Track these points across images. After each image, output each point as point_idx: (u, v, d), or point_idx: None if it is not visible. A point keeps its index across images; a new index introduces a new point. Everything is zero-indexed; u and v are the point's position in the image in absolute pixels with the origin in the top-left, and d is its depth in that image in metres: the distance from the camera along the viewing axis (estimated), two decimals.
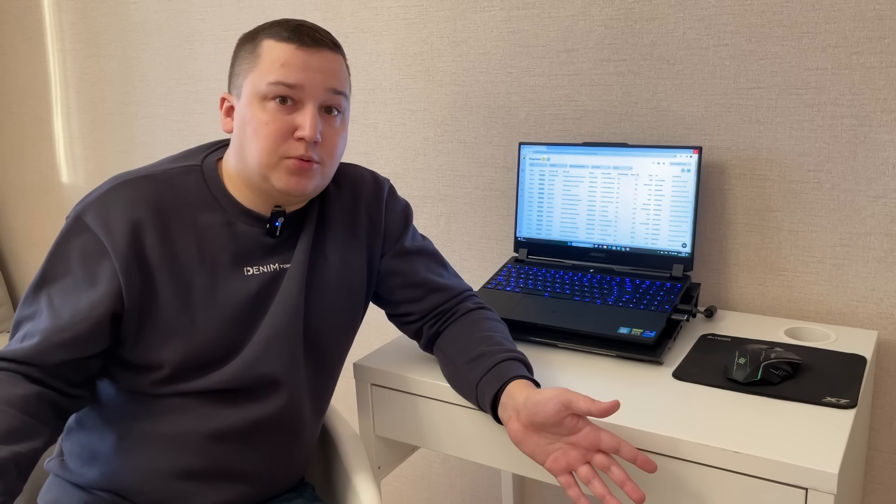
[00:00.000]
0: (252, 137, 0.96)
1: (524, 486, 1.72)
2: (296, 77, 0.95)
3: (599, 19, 1.43)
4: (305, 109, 0.95)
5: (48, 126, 2.39)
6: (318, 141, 0.96)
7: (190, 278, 0.97)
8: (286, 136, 0.95)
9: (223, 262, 0.99)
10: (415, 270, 1.13)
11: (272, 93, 0.95)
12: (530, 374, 1.02)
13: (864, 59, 1.23)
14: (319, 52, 0.96)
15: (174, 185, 0.98)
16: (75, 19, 2.21)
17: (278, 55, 0.95)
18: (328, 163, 0.99)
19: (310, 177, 0.97)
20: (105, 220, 0.93)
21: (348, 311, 1.10)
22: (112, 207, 0.94)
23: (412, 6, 1.63)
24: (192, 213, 0.98)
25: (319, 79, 0.96)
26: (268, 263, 1.02)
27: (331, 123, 0.99)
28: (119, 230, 0.93)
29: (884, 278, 1.27)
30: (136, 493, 1.00)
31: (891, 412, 1.30)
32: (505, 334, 1.10)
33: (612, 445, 0.89)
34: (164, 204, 0.96)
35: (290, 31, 0.96)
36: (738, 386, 1.05)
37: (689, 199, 1.31)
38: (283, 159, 0.96)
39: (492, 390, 0.99)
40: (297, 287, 1.02)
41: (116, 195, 0.95)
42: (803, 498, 0.86)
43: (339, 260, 1.08)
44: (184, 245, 0.97)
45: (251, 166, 0.97)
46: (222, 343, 0.98)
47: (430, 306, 1.13)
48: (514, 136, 1.57)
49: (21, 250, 2.60)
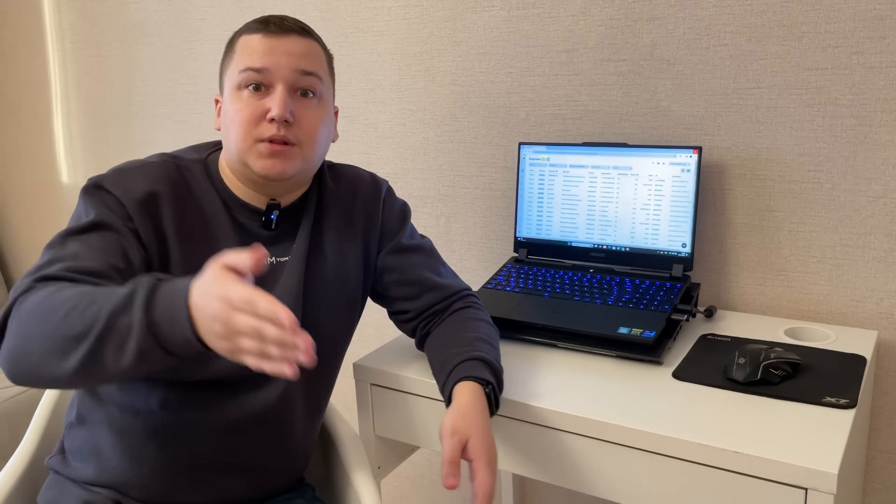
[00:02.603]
0: (230, 126, 0.99)
1: (524, 486, 1.72)
2: (262, 61, 0.98)
3: (599, 19, 1.43)
4: (275, 91, 0.98)
5: (48, 126, 2.39)
6: (290, 121, 0.98)
7: (194, 262, 0.98)
8: (258, 119, 0.98)
9: (223, 250, 1.00)
10: (411, 268, 1.14)
11: (244, 81, 0.98)
12: (490, 371, 1.01)
13: (864, 59, 1.23)
14: (286, 36, 0.99)
15: (183, 175, 1.01)
16: (75, 19, 2.21)
17: (248, 45, 0.99)
18: (307, 144, 1.01)
19: (287, 158, 0.99)
20: (125, 187, 0.95)
21: (344, 306, 1.10)
22: (130, 179, 0.96)
23: (412, 6, 1.63)
24: (199, 203, 1.00)
25: (285, 61, 0.98)
26: (267, 256, 1.03)
27: (306, 105, 1.00)
28: (138, 197, 0.95)
29: (884, 278, 1.27)
30: (135, 488, 1.00)
31: (891, 412, 1.30)
32: (482, 332, 1.09)
33: (475, 490, 0.88)
34: (177, 189, 0.99)
35: (258, 23, 1.00)
36: (737, 386, 1.05)
37: (689, 199, 1.31)
38: (256, 142, 0.98)
39: (446, 395, 1.01)
40: (296, 279, 1.03)
41: (134, 171, 0.97)
42: (803, 498, 0.86)
43: (336, 254, 1.09)
44: (196, 229, 0.99)
45: (233, 154, 1.00)
46: None
47: (425, 305, 1.14)
48: (514, 136, 1.57)
49: (21, 250, 2.60)
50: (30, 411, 1.97)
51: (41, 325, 0.79)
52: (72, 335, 0.77)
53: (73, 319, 0.77)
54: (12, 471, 1.15)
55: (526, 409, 1.04)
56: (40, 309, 0.80)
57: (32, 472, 1.17)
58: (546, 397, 1.04)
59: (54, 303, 0.79)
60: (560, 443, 1.03)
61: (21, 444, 1.19)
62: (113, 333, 0.76)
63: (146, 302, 0.76)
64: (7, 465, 1.16)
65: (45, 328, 0.78)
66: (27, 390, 2.00)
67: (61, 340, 0.78)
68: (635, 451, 0.97)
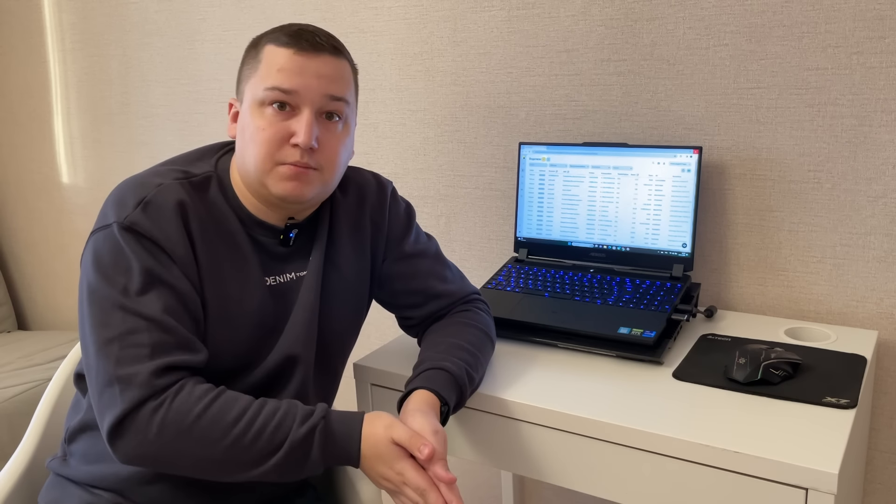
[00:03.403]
0: (250, 143, 0.95)
1: (524, 486, 1.72)
2: (291, 82, 0.93)
3: (599, 19, 1.43)
4: (302, 115, 0.94)
5: (48, 126, 2.38)
6: (315, 147, 0.95)
7: (226, 291, 0.96)
8: (282, 142, 0.94)
9: (250, 273, 0.99)
10: (416, 276, 1.13)
11: (269, 98, 0.94)
12: (450, 384, 0.99)
13: (864, 59, 1.23)
14: (318, 56, 0.95)
15: (199, 194, 0.97)
16: (75, 19, 2.21)
17: (276, 60, 0.94)
18: (328, 169, 0.98)
19: (307, 182, 0.96)
20: (160, 227, 0.91)
21: (354, 315, 1.11)
22: (164, 212, 0.92)
23: (412, 6, 1.63)
24: (217, 222, 0.97)
25: (316, 84, 0.94)
26: (285, 273, 1.02)
27: (331, 130, 0.97)
28: (176, 237, 0.92)
29: (884, 278, 1.27)
30: (138, 492, 1.00)
31: (891, 412, 1.30)
32: (464, 337, 1.07)
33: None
34: (199, 213, 0.96)
35: (289, 36, 0.95)
36: (738, 386, 1.05)
37: (689, 200, 1.31)
38: (278, 165, 0.95)
39: (401, 398, 1.00)
40: (313, 296, 1.03)
41: (162, 202, 0.92)
42: (803, 498, 0.86)
43: (348, 266, 1.08)
44: (220, 254, 0.96)
45: (251, 173, 0.97)
46: (245, 353, 0.99)
47: (429, 312, 1.14)
48: (514, 136, 1.57)
49: (21, 250, 2.60)
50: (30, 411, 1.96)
51: (200, 449, 0.86)
52: (242, 461, 0.87)
53: (242, 450, 0.86)
54: (12, 471, 1.15)
55: (526, 409, 1.04)
56: (194, 432, 0.86)
57: (32, 473, 1.17)
58: (546, 397, 1.05)
59: (210, 426, 0.86)
60: (560, 443, 1.03)
61: (21, 444, 1.19)
62: (287, 464, 0.87)
63: (324, 443, 0.89)
64: (7, 465, 1.16)
65: (206, 452, 0.86)
66: (27, 390, 2.00)
67: (227, 464, 0.87)
68: (635, 451, 0.97)
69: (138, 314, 0.88)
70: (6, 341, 2.36)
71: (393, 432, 0.88)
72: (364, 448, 0.89)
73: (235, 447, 0.86)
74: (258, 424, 0.87)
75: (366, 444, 0.89)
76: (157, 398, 0.86)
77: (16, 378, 2.05)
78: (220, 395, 0.88)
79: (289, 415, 0.88)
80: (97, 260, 0.90)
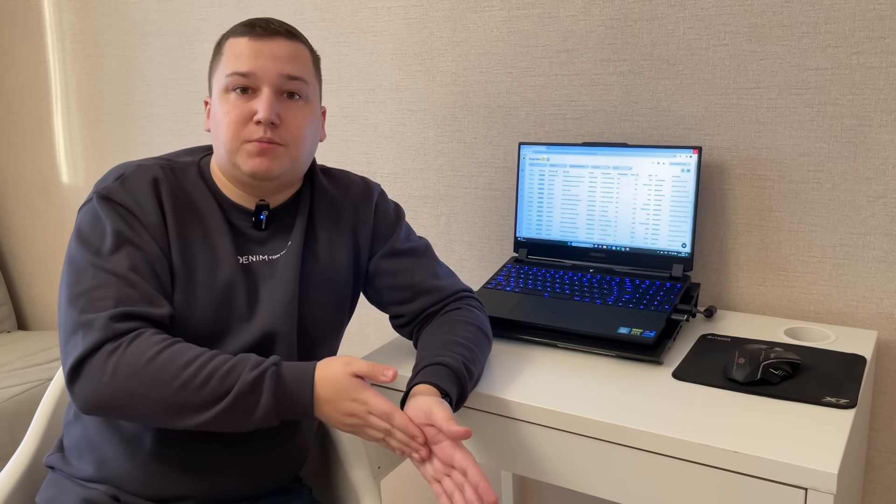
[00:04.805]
0: (220, 128, 1.02)
1: (524, 486, 1.72)
2: (248, 65, 1.00)
3: (599, 19, 1.43)
4: (262, 94, 1.00)
5: (48, 126, 2.39)
6: (276, 123, 1.00)
7: (194, 261, 1.01)
8: (246, 121, 1.01)
9: (222, 248, 1.03)
10: (404, 271, 1.14)
11: (231, 84, 1.01)
12: (450, 378, 0.99)
13: (864, 59, 1.23)
14: (272, 39, 1.02)
15: (178, 177, 1.04)
16: (75, 19, 2.21)
17: (235, 49, 1.02)
18: (294, 145, 1.03)
19: (274, 157, 1.01)
20: (134, 197, 0.99)
21: (334, 306, 1.12)
22: (139, 185, 1.00)
23: (412, 6, 1.63)
24: (194, 203, 1.03)
25: (272, 65, 1.01)
26: (260, 254, 1.06)
27: (292, 108, 1.03)
28: (148, 206, 0.99)
29: (884, 278, 1.27)
30: (132, 482, 1.01)
31: (891, 412, 1.30)
32: (460, 334, 1.07)
33: (462, 466, 0.90)
34: (175, 190, 1.02)
35: (245, 26, 1.03)
36: (737, 386, 1.05)
37: (688, 199, 1.31)
38: (244, 143, 1.01)
39: (403, 396, 1.00)
40: (292, 275, 1.05)
41: (137, 177, 1.00)
42: (803, 498, 0.86)
43: (327, 254, 1.10)
44: (191, 228, 1.02)
45: (222, 155, 1.03)
46: (213, 320, 1.01)
47: (420, 308, 1.14)
48: (514, 136, 1.57)
49: (21, 250, 2.60)
50: (30, 411, 1.97)
51: (151, 390, 0.89)
52: (192, 404, 0.89)
53: (191, 392, 0.89)
54: (12, 471, 1.15)
55: (526, 409, 1.04)
56: (146, 373, 0.89)
57: (33, 472, 1.17)
58: (546, 397, 1.05)
59: (161, 368, 0.89)
60: (560, 443, 1.03)
61: (21, 443, 1.19)
62: (236, 409, 0.89)
63: (275, 387, 0.89)
64: (7, 465, 1.16)
65: (158, 394, 0.89)
66: (27, 390, 2.00)
67: (177, 408, 0.89)
68: (635, 451, 0.97)
69: (107, 270, 0.94)
70: (6, 341, 2.36)
71: (351, 367, 0.91)
72: (322, 391, 0.91)
73: (185, 389, 0.88)
74: (209, 368, 0.90)
75: (324, 385, 0.91)
76: (114, 341, 0.90)
77: (16, 378, 2.05)
78: (176, 342, 0.92)
79: (241, 362, 0.91)
80: (79, 231, 0.99)
